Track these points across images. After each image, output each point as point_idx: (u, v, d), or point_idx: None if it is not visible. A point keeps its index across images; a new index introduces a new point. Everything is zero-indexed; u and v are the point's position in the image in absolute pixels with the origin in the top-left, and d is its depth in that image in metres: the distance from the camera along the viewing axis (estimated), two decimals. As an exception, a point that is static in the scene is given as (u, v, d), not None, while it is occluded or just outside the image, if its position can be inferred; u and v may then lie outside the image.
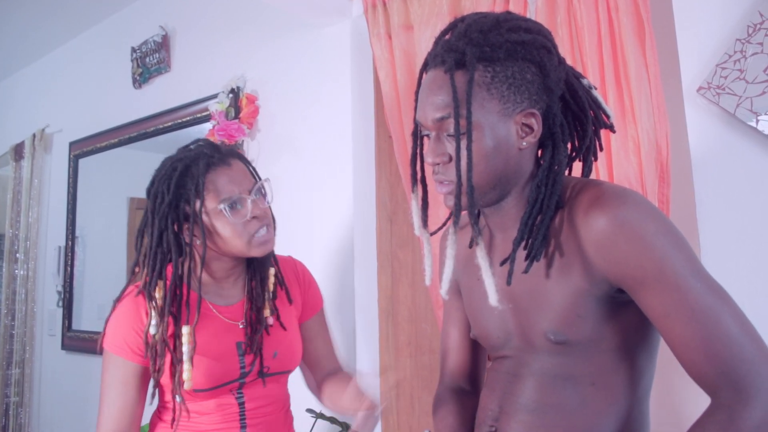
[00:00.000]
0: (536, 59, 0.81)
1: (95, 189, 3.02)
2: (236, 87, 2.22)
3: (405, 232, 1.97)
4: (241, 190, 1.17)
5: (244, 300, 1.25)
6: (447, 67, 0.80)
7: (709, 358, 0.71)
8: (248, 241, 1.16)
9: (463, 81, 0.79)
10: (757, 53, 1.15)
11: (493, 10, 1.52)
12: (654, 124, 1.26)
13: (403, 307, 1.94)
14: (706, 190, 1.20)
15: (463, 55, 0.79)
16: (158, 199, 1.15)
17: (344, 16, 1.97)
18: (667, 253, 0.74)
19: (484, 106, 0.79)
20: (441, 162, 0.83)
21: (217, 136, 2.14)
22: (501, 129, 0.80)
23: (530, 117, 0.81)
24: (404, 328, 1.93)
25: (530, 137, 0.82)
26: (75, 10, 2.92)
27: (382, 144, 1.97)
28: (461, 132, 0.79)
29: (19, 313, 3.23)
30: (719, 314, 0.72)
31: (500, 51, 0.79)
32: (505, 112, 0.80)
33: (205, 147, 1.22)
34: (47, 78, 3.47)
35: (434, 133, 0.84)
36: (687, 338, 0.72)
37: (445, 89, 0.80)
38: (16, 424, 3.18)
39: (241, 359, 1.19)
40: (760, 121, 1.15)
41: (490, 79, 0.79)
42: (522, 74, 0.80)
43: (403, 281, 1.95)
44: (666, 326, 0.74)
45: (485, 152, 0.80)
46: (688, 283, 0.73)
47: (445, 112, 0.81)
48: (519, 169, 0.84)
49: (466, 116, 0.78)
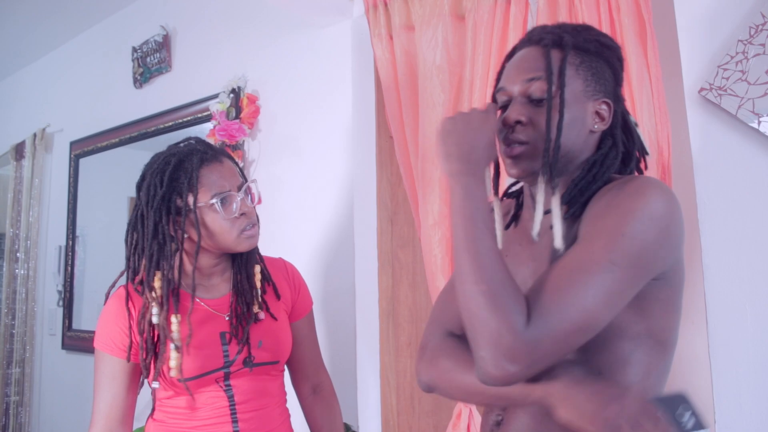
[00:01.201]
0: (614, 65, 0.92)
1: (96, 188, 3.02)
2: (237, 87, 2.22)
3: (406, 233, 1.97)
4: (231, 187, 1.20)
5: (230, 293, 1.28)
6: (544, 43, 0.89)
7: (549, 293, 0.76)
8: (237, 236, 1.20)
9: (558, 57, 0.88)
10: (759, 54, 1.15)
11: (494, 11, 1.52)
12: (655, 125, 1.26)
13: (403, 308, 1.94)
14: (707, 191, 1.20)
15: (560, 38, 0.89)
16: (151, 192, 1.18)
17: (345, 16, 1.97)
18: (624, 230, 0.77)
19: (570, 83, 0.87)
20: (523, 120, 0.88)
21: (217, 136, 2.14)
22: (580, 107, 0.88)
23: (604, 105, 0.90)
24: (405, 328, 1.93)
25: (601, 124, 0.90)
26: (76, 10, 2.92)
27: (383, 144, 1.97)
28: (551, 97, 0.86)
29: (20, 312, 3.23)
30: (590, 280, 0.75)
31: (590, 45, 0.90)
32: (585, 94, 0.88)
33: (198, 143, 1.25)
34: (48, 77, 3.47)
35: (518, 98, 0.90)
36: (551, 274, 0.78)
37: (539, 59, 0.89)
38: (16, 423, 3.18)
39: (224, 348, 1.22)
40: (761, 122, 1.14)
41: (579, 62, 0.89)
42: (602, 70, 0.90)
43: (404, 282, 1.95)
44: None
45: (565, 121, 0.86)
46: (600, 252, 0.76)
47: (536, 74, 0.88)
48: (582, 149, 0.90)
49: (558, 82, 0.86)
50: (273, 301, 1.32)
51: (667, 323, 0.85)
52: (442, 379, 0.91)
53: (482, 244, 0.79)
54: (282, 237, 2.01)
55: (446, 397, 0.95)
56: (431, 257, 1.61)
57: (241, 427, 1.20)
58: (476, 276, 0.76)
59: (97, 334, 1.23)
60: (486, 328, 0.74)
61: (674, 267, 0.84)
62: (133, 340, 1.19)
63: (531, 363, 0.73)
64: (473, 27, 1.57)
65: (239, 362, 1.22)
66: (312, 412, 1.41)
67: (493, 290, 0.75)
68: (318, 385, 1.42)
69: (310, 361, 1.41)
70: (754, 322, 1.14)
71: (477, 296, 0.76)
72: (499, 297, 0.74)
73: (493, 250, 0.79)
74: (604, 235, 0.78)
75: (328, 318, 1.93)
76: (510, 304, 0.74)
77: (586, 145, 0.90)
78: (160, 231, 1.18)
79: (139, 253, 1.21)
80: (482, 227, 0.80)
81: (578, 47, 0.89)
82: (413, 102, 1.71)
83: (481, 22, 1.55)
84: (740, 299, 1.16)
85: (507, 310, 0.73)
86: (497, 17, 1.52)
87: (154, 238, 1.18)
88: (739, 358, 1.14)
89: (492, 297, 0.75)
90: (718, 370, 1.16)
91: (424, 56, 1.65)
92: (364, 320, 1.87)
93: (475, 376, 0.79)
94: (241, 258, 1.29)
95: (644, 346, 0.83)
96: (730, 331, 1.16)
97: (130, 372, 1.22)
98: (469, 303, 0.77)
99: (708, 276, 1.18)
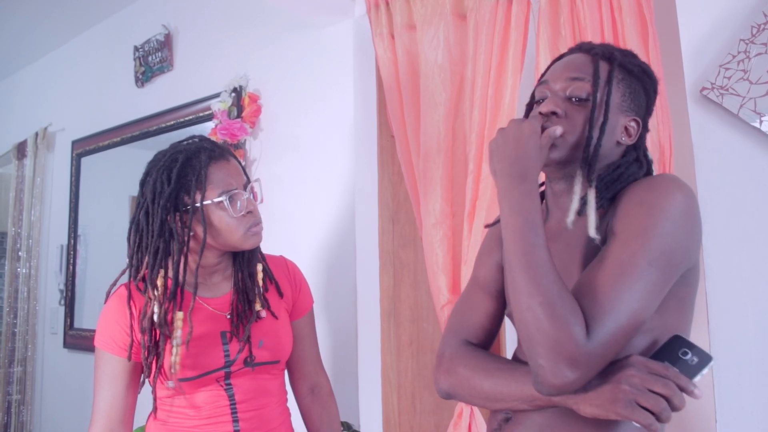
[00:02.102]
0: (649, 93, 0.96)
1: (97, 187, 3.03)
2: (239, 86, 2.22)
3: (407, 232, 1.97)
4: (238, 185, 1.21)
5: (231, 292, 1.27)
6: (594, 52, 0.93)
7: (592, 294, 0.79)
8: (243, 233, 1.20)
9: (606, 68, 0.92)
10: (761, 54, 1.15)
11: (496, 10, 1.53)
12: (657, 124, 1.26)
13: (404, 307, 1.94)
14: (709, 190, 1.20)
15: (610, 53, 0.94)
16: (158, 189, 1.17)
17: (347, 15, 1.97)
18: (658, 230, 0.80)
19: (610, 93, 0.91)
20: (558, 112, 0.90)
21: (219, 135, 2.14)
22: (613, 117, 0.91)
23: (633, 122, 0.94)
24: (406, 328, 1.93)
25: (627, 139, 0.94)
26: (78, 9, 2.92)
27: (385, 143, 1.97)
28: (596, 100, 0.89)
29: (21, 311, 3.23)
30: (632, 284, 0.78)
31: (634, 68, 0.94)
32: (621, 107, 0.92)
33: (203, 141, 1.25)
34: (50, 76, 3.47)
35: (558, 93, 0.93)
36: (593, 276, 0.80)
37: (588, 64, 0.93)
38: (17, 422, 3.18)
39: (225, 347, 1.21)
40: (763, 121, 1.14)
41: (621, 78, 0.93)
42: (639, 93, 0.94)
43: (405, 281, 1.95)
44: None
45: (598, 123, 0.90)
46: (639, 254, 0.79)
47: (581, 75, 0.91)
48: (607, 156, 0.93)
49: (606, 88, 0.90)
50: (275, 299, 1.31)
51: (681, 320, 0.87)
52: (461, 387, 0.94)
53: (534, 257, 0.80)
54: (283, 236, 2.01)
55: (466, 403, 0.97)
56: (433, 257, 1.61)
57: (242, 426, 1.20)
58: (531, 288, 0.78)
59: (97, 333, 1.22)
60: (546, 338, 0.76)
61: (694, 265, 0.87)
62: (135, 339, 1.19)
63: (589, 369, 0.76)
64: (475, 26, 1.57)
65: (240, 362, 1.21)
66: (309, 413, 1.40)
67: (549, 302, 0.77)
68: (316, 385, 1.41)
69: (309, 360, 1.40)
70: (756, 321, 1.14)
71: (534, 308, 0.77)
72: (557, 308, 0.76)
73: (546, 262, 0.81)
74: (640, 236, 0.80)
75: (329, 317, 1.93)
76: (568, 314, 0.76)
77: (612, 153, 0.93)
78: (166, 228, 1.17)
79: (142, 251, 1.20)
80: (533, 240, 0.82)
81: (624, 65, 0.93)
82: (415, 101, 1.71)
83: (482, 22, 1.55)
84: (742, 298, 1.16)
85: (566, 320, 0.75)
86: (499, 16, 1.52)
87: (159, 236, 1.17)
88: (740, 357, 1.14)
89: (549, 308, 0.76)
90: (720, 369, 1.16)
91: (426, 55, 1.65)
92: (366, 320, 1.88)
93: (499, 383, 0.86)
94: (243, 256, 1.28)
95: (659, 342, 0.84)
96: (731, 330, 1.16)
97: (130, 371, 1.21)
98: (526, 315, 0.79)
99: (709, 275, 1.18)
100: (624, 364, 0.78)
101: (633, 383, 0.76)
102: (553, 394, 0.79)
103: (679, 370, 0.77)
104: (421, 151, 1.65)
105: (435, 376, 0.98)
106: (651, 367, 0.77)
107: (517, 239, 0.82)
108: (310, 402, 1.40)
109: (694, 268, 0.87)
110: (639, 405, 0.74)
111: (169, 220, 1.17)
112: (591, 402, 0.79)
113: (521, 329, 0.80)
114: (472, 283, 1.08)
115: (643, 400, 0.74)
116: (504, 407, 0.91)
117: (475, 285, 1.07)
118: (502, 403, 0.90)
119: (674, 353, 0.80)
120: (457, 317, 1.04)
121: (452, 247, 1.60)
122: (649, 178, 0.89)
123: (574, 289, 0.82)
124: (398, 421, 1.88)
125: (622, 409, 0.75)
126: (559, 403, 0.83)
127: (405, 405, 1.90)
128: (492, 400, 0.90)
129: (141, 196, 1.21)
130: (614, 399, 0.76)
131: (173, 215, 1.17)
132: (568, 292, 0.79)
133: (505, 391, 0.88)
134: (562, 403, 0.82)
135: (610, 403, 0.76)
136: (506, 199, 0.85)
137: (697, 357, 0.79)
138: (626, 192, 0.88)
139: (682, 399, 0.75)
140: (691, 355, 0.79)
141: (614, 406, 0.76)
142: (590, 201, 0.88)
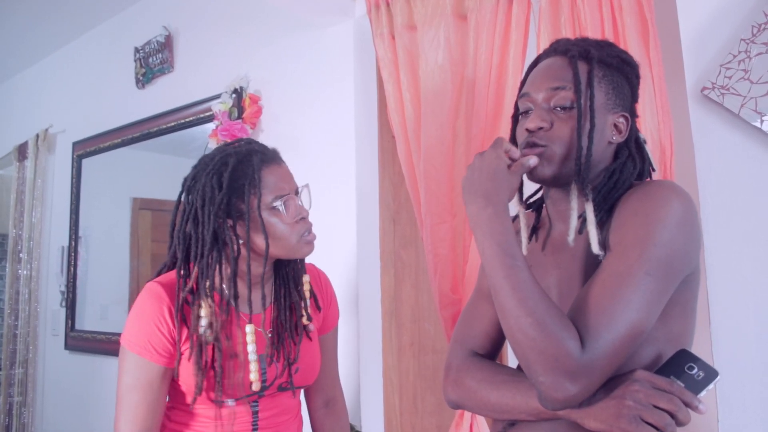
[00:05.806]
0: (632, 82, 0.95)
1: (98, 189, 3.03)
2: (239, 87, 2.22)
3: (408, 232, 1.97)
4: (291, 190, 1.15)
5: (271, 307, 1.20)
6: (570, 54, 0.91)
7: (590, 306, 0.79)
8: (297, 241, 1.14)
9: (584, 68, 0.90)
10: (762, 53, 1.15)
11: (496, 10, 1.53)
12: (658, 124, 1.26)
13: (406, 307, 1.94)
14: (710, 190, 1.20)
15: (586, 51, 0.92)
16: (208, 194, 1.10)
17: (347, 16, 1.97)
18: (655, 240, 0.79)
19: (593, 95, 0.89)
20: (545, 126, 0.90)
21: (220, 137, 2.14)
22: (600, 118, 0.90)
23: (621, 118, 0.93)
24: (407, 328, 1.93)
25: (618, 136, 0.93)
26: (78, 11, 2.93)
27: (385, 144, 1.97)
28: (581, 107, 0.88)
29: (23, 313, 3.23)
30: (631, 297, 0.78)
31: (613, 60, 0.93)
32: (606, 106, 0.91)
33: (253, 144, 1.18)
34: (50, 78, 3.48)
35: (542, 104, 0.92)
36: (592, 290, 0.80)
37: (566, 69, 0.91)
38: (19, 423, 3.18)
39: (263, 373, 1.16)
40: (764, 121, 1.14)
41: (602, 75, 0.91)
42: (622, 85, 0.93)
43: (406, 281, 1.95)
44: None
45: (585, 130, 0.89)
46: (636, 265, 0.79)
47: (562, 83, 0.90)
48: (600, 159, 0.92)
49: (587, 93, 0.88)
50: (315, 314, 1.26)
51: (685, 326, 0.87)
52: (469, 398, 0.95)
53: (515, 279, 0.80)
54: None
55: (474, 413, 0.98)
56: (434, 257, 1.61)
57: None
58: (519, 311, 0.78)
59: (130, 334, 1.10)
60: (542, 356, 0.76)
61: (695, 270, 0.87)
62: (181, 349, 1.11)
63: (590, 381, 0.76)
64: (475, 27, 1.57)
65: (275, 387, 1.17)
66: (322, 426, 1.36)
67: (539, 321, 0.77)
68: (331, 399, 1.38)
69: (329, 374, 1.36)
70: (758, 321, 1.14)
71: (525, 329, 0.77)
72: (547, 325, 0.76)
73: (528, 281, 0.80)
74: (636, 247, 0.80)
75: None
76: (559, 330, 0.76)
77: (605, 155, 0.93)
78: (220, 237, 1.10)
79: (190, 260, 1.12)
80: (509, 262, 0.82)
81: (602, 61, 0.92)
82: (415, 102, 1.70)
83: (483, 22, 1.55)
84: (743, 298, 1.16)
85: (559, 336, 0.76)
86: (499, 17, 1.52)
87: (213, 244, 1.10)
88: (742, 358, 1.14)
89: (540, 327, 0.77)
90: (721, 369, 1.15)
91: (426, 56, 1.66)
92: (367, 320, 1.88)
93: (505, 395, 0.86)
94: (288, 266, 1.21)
95: (663, 349, 0.84)
96: (733, 331, 1.15)
97: (167, 379, 1.13)
98: (518, 336, 0.79)
99: (711, 275, 1.18)
100: (629, 379, 0.78)
101: (637, 398, 0.75)
102: (558, 408, 0.79)
103: (685, 385, 0.76)
104: (421, 151, 1.65)
105: (443, 387, 0.99)
106: (655, 382, 0.77)
107: (495, 264, 0.82)
108: (323, 415, 1.37)
109: (695, 272, 0.87)
110: (643, 420, 0.74)
111: (225, 227, 1.10)
112: (595, 417, 0.78)
113: (516, 350, 0.80)
114: (476, 293, 1.09)
115: (648, 416, 0.74)
116: (511, 419, 0.91)
117: (480, 294, 1.07)
118: (509, 415, 0.90)
119: (680, 368, 0.79)
120: (463, 327, 1.05)
121: (453, 248, 1.60)
122: (645, 185, 0.88)
123: (574, 303, 0.82)
124: (400, 421, 1.88)
125: (627, 424, 0.74)
126: (563, 417, 0.83)
127: (407, 405, 1.90)
128: (498, 411, 0.91)
129: (188, 202, 1.13)
130: (619, 414, 0.76)
131: (225, 222, 1.10)
132: (555, 307, 0.79)
133: (511, 403, 0.88)
134: (566, 416, 0.82)
135: (615, 418, 0.76)
136: (477, 225, 0.86)
137: (703, 372, 0.78)
138: (622, 201, 0.87)
139: (686, 414, 0.75)
140: (697, 369, 0.78)
141: (618, 421, 0.75)
142: (589, 217, 0.87)
